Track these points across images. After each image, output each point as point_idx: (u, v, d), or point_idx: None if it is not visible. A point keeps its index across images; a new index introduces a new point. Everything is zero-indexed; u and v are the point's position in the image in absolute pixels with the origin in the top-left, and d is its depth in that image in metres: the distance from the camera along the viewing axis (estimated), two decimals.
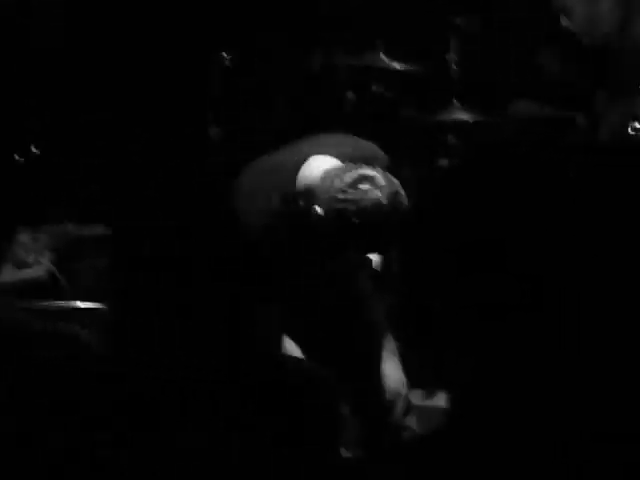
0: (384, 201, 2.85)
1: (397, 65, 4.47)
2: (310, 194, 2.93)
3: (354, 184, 2.87)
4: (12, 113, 4.37)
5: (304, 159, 3.03)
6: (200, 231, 1.82)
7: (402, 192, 2.89)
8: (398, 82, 4.52)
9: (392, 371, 3.34)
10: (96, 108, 4.50)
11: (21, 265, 3.88)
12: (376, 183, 2.87)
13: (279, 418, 1.87)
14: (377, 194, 2.85)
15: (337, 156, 3.03)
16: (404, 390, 3.41)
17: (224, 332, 1.83)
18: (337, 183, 2.87)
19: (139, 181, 3.80)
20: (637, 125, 3.69)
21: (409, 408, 3.46)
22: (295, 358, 2.82)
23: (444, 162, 4.41)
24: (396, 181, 2.91)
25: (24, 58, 4.45)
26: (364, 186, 2.87)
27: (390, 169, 3.00)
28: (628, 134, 3.74)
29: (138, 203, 1.96)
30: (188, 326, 1.81)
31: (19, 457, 1.80)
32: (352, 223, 2.86)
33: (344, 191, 2.86)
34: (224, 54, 4.46)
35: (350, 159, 3.01)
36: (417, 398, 3.67)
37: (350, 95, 4.43)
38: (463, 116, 4.50)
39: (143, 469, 1.76)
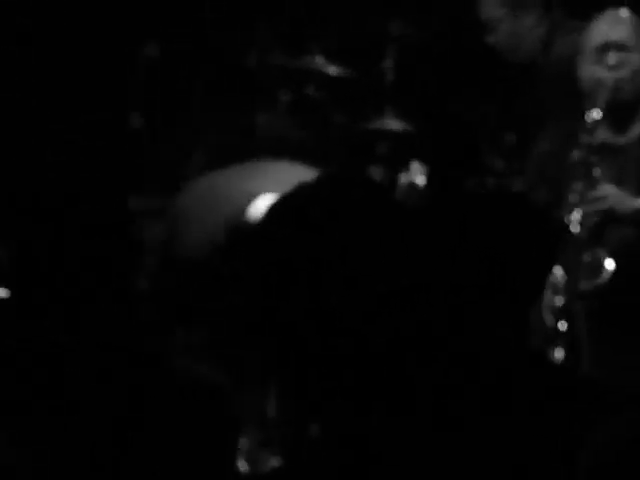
0: None
1: (333, 69, 4.54)
2: None
3: None
4: None
5: (253, 194, 3.03)
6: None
7: None
8: (332, 87, 4.60)
9: None
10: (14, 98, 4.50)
11: None
12: None
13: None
14: None
15: None
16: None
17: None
18: None
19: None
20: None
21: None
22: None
23: (375, 171, 4.50)
24: None
25: None
26: None
27: None
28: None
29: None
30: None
31: None
32: None
33: None
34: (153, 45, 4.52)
35: None
36: None
37: (283, 96, 4.46)
38: (395, 125, 4.60)
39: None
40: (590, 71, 3.86)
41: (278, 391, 2.77)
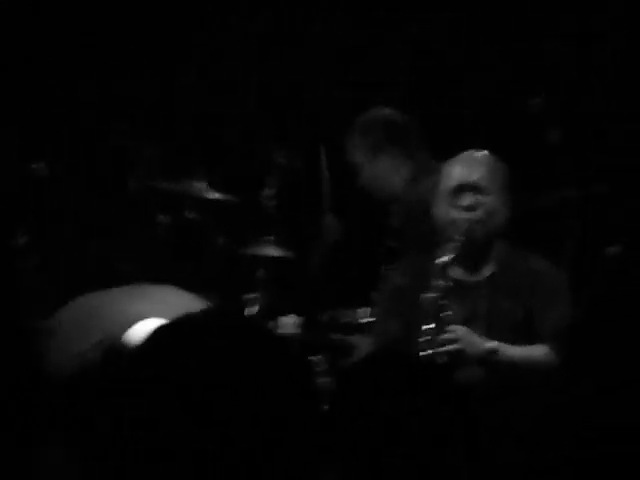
0: None
1: (214, 194, 4.62)
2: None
3: None
4: None
5: (133, 317, 3.05)
6: None
7: None
8: (213, 211, 4.66)
9: None
10: None
11: None
12: None
13: None
14: None
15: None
16: None
17: None
18: None
19: None
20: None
21: None
22: None
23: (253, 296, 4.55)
24: None
25: None
26: None
27: None
28: None
29: None
30: None
31: None
32: None
33: None
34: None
35: None
36: None
37: (163, 219, 4.53)
38: (274, 252, 4.67)
39: None
40: (445, 212, 3.89)
41: None
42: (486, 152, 4.05)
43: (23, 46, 5.79)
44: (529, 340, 3.87)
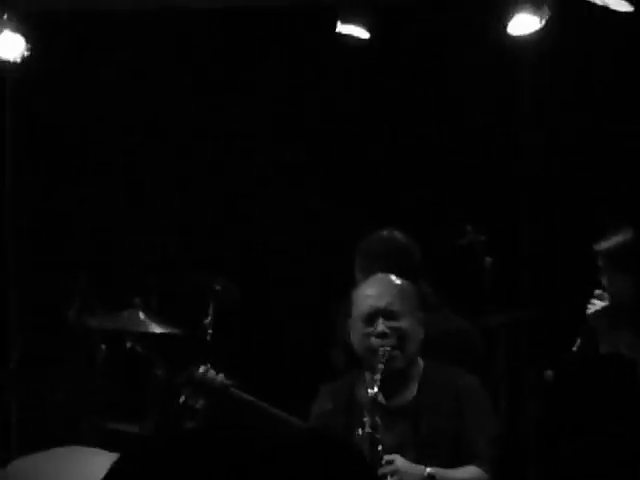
0: None
1: (154, 327, 4.65)
2: None
3: None
4: None
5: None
6: None
7: None
8: (153, 341, 4.70)
9: None
10: None
11: None
12: None
13: None
14: None
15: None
16: None
17: None
18: None
19: None
20: None
21: None
22: None
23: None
24: None
25: None
26: None
27: None
28: None
29: None
30: None
31: None
32: None
33: None
34: None
35: None
36: None
37: (102, 351, 4.56)
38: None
39: None
40: (360, 340, 3.86)
41: None
42: (392, 276, 3.98)
43: None
44: (459, 456, 3.84)
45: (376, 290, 3.93)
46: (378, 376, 3.78)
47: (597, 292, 4.60)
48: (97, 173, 5.86)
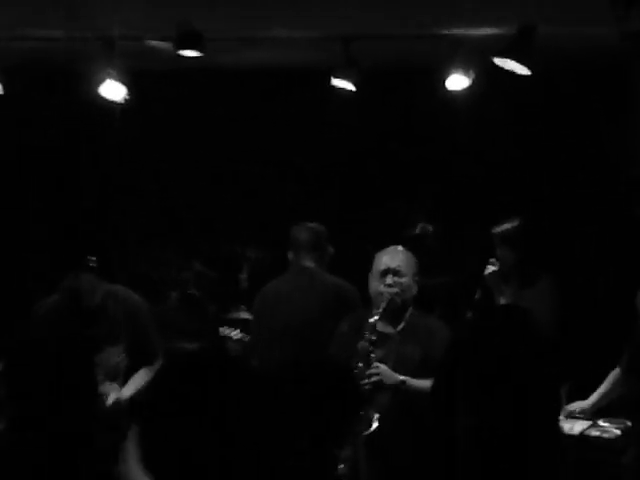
0: None
1: (210, 274, 6.01)
2: None
3: None
4: None
5: None
6: None
7: None
8: (208, 288, 6.01)
9: None
10: None
11: None
12: None
13: None
14: None
15: None
16: None
17: None
18: None
19: None
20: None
21: None
22: None
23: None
24: None
25: None
26: None
27: None
28: None
29: None
30: None
31: None
32: None
33: None
34: None
35: None
36: None
37: (173, 294, 5.94)
38: (246, 315, 5.92)
39: None
40: (375, 287, 4.80)
41: None
42: (401, 247, 4.95)
43: None
44: (424, 375, 4.51)
45: (390, 256, 4.84)
46: (380, 310, 4.68)
47: (491, 260, 5.55)
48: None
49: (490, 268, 5.44)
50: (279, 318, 5.50)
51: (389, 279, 4.75)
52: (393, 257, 4.86)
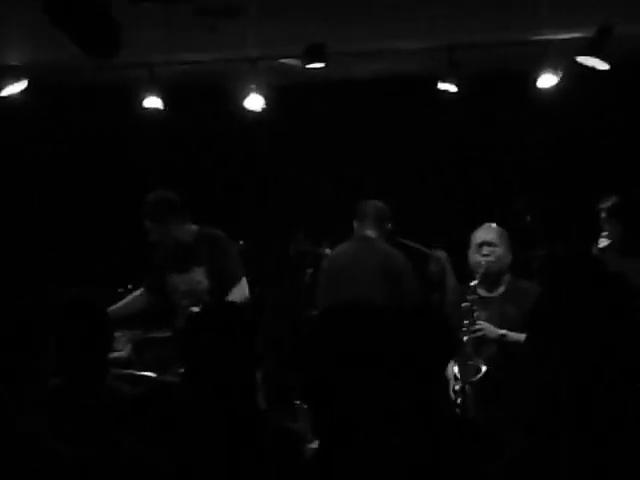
0: None
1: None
2: None
3: None
4: None
5: None
6: None
7: None
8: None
9: None
10: None
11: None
12: None
13: None
14: None
15: None
16: None
17: None
18: None
19: None
20: None
21: None
22: None
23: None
24: None
25: None
26: None
27: None
28: None
29: None
30: None
31: None
32: None
33: None
34: None
35: None
36: None
37: (308, 271, 6.96)
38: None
39: None
40: (474, 257, 5.41)
41: None
42: (495, 224, 5.50)
43: None
44: (524, 332, 4.81)
45: (484, 230, 5.44)
46: (479, 276, 5.31)
47: (603, 234, 5.83)
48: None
49: (604, 241, 5.78)
50: (344, 275, 6.14)
51: (485, 249, 5.37)
52: (487, 231, 5.47)
